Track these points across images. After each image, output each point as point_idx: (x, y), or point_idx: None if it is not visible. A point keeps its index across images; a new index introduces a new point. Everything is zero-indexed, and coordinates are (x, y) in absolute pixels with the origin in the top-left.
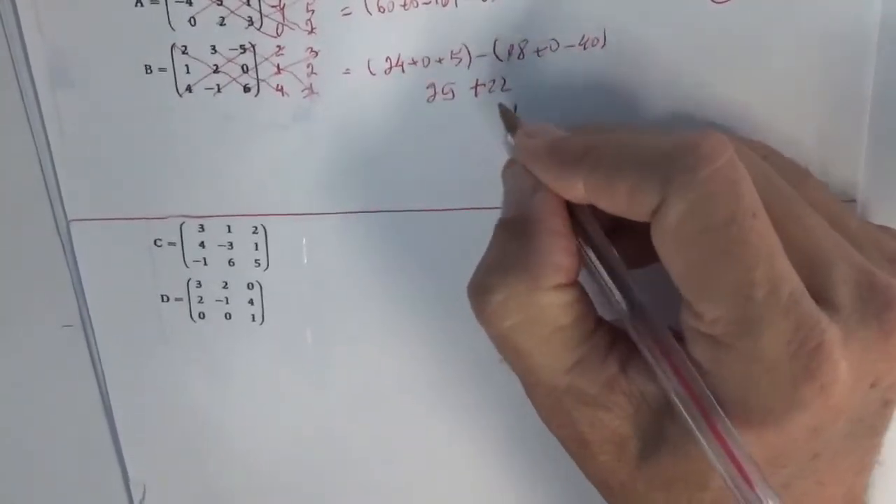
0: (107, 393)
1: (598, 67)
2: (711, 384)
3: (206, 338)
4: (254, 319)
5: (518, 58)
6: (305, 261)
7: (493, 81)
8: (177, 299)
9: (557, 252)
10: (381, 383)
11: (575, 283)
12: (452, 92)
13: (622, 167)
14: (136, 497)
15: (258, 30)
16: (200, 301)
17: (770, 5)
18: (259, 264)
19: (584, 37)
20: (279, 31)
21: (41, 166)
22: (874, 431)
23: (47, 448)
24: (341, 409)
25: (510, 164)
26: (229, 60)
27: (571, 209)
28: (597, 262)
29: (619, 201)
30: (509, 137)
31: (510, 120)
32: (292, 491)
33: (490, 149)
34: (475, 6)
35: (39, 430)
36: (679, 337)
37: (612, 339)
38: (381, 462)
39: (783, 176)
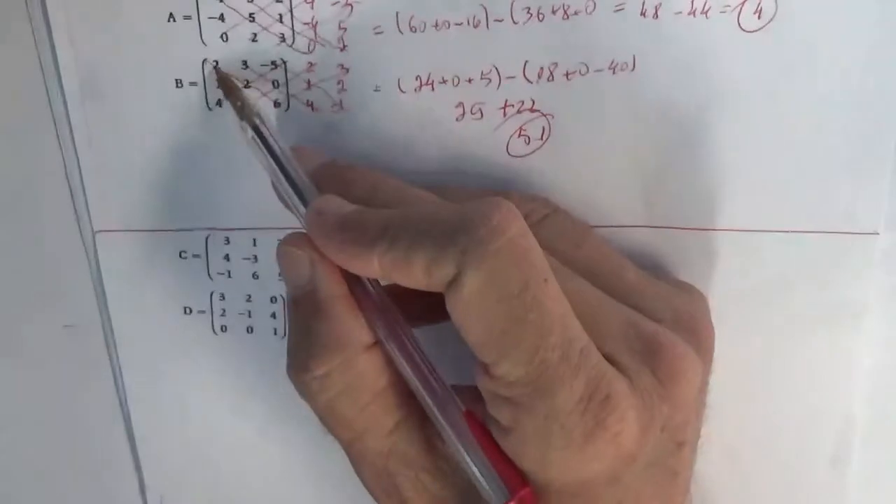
0: (126, 403)
1: (628, 92)
2: (513, 443)
3: (227, 351)
4: (275, 333)
5: (547, 80)
6: None
7: (522, 102)
8: (200, 311)
9: (358, 317)
10: None
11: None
12: (481, 112)
13: (418, 244)
14: None
15: (290, 46)
16: (223, 314)
17: (799, 35)
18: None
19: (613, 61)
20: (311, 48)
21: (68, 177)
22: (674, 472)
23: (65, 457)
24: None
25: (284, 244)
26: (260, 76)
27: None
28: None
29: (417, 277)
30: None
31: (233, 92)
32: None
33: (513, 169)
34: (506, 28)
35: (58, 438)
36: (478, 396)
37: None
38: None
39: (563, 234)
